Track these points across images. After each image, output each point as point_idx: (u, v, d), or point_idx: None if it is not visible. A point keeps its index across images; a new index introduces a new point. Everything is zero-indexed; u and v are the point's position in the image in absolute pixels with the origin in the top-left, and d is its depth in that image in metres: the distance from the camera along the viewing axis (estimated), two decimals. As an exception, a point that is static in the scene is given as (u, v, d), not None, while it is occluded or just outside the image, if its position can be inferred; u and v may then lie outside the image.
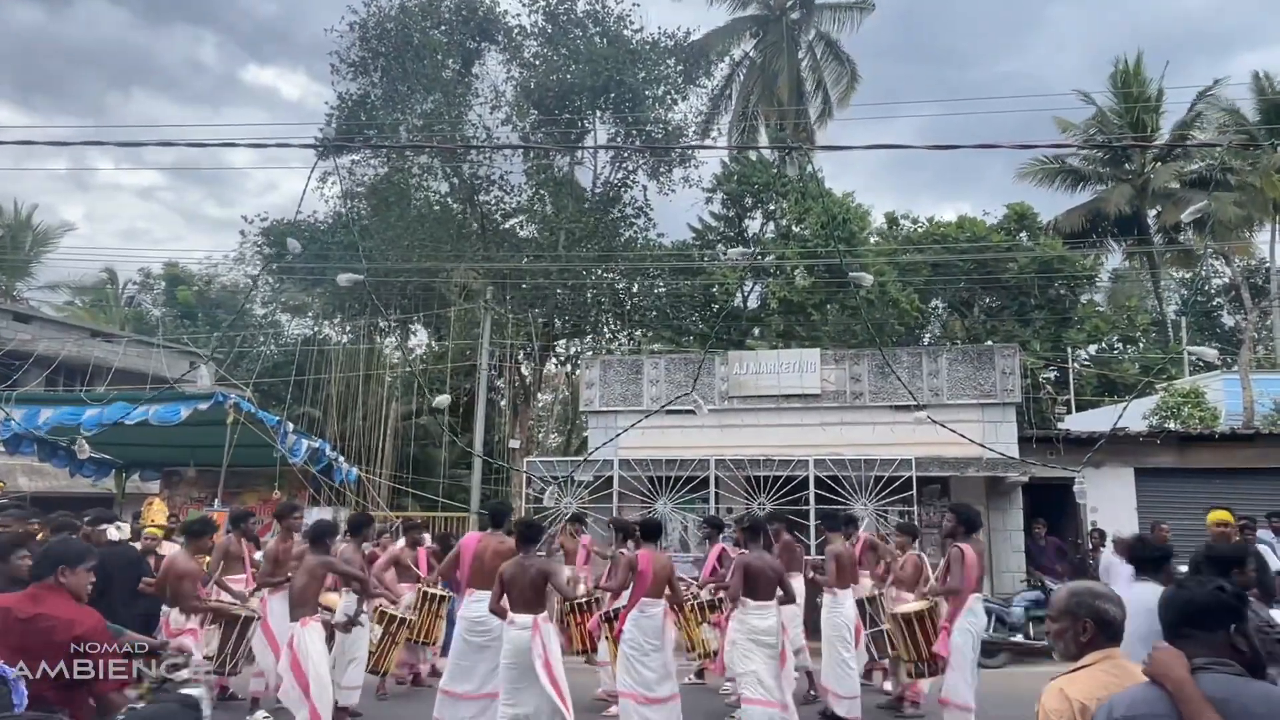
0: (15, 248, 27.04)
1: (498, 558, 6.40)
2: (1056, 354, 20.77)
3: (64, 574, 3.50)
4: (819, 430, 13.29)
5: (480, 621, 6.39)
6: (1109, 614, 2.60)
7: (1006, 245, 21.17)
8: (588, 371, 14.75)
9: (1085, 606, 2.62)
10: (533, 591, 5.88)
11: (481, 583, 6.51)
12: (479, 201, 22.59)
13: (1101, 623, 2.59)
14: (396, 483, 19.32)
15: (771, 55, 26.98)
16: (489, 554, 6.54)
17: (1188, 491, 12.55)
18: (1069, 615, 2.65)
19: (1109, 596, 2.65)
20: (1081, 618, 2.61)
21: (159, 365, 19.25)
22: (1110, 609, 2.61)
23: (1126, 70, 24.48)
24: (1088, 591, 2.68)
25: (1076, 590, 2.72)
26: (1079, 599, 2.66)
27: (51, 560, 3.55)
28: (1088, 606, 2.61)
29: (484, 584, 6.44)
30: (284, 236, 17.67)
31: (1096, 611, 2.60)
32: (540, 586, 5.92)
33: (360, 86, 21.97)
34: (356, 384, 20.03)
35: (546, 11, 21.93)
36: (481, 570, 6.55)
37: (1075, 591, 2.72)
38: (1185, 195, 24.24)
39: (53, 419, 11.30)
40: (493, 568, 6.35)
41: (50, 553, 3.65)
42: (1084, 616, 2.60)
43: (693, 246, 23.79)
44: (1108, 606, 2.61)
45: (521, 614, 5.86)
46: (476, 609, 6.44)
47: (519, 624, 5.84)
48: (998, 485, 12.62)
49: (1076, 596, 2.68)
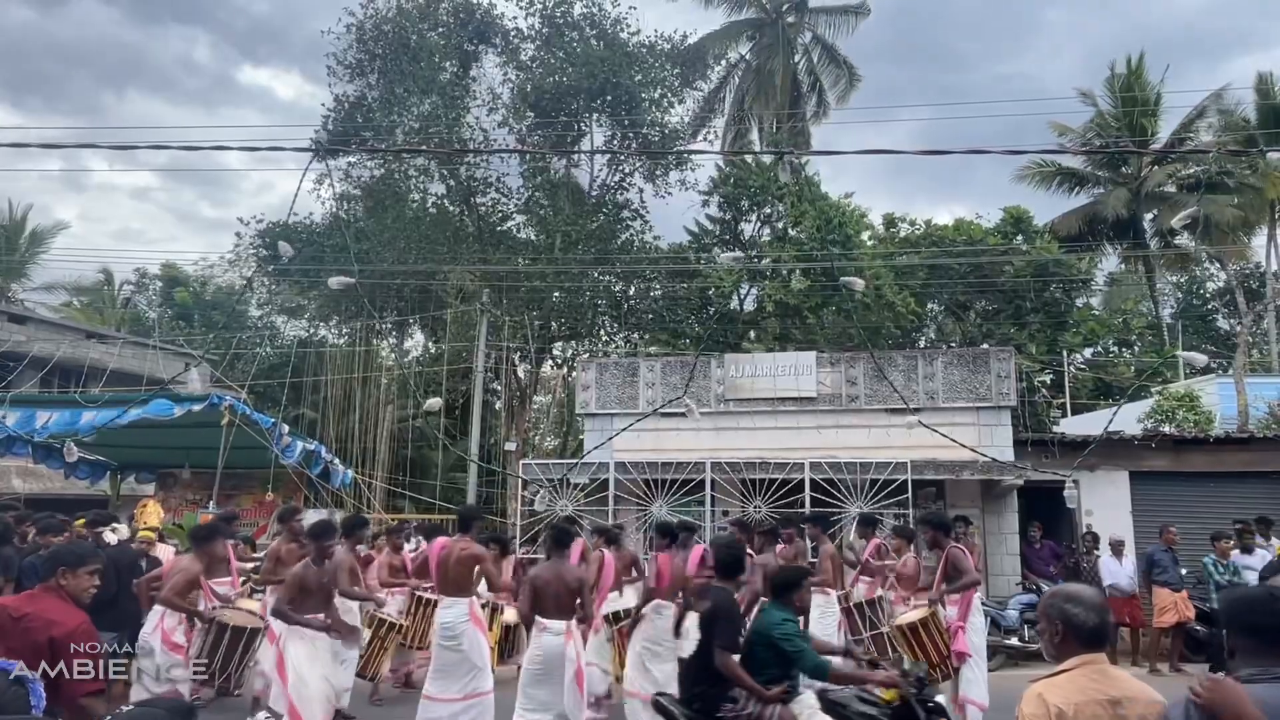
0: (10, 249, 26.99)
1: (461, 564, 6.36)
2: (1052, 357, 20.81)
3: (64, 576, 3.55)
4: (815, 433, 13.30)
5: (448, 627, 6.26)
6: (1078, 618, 2.60)
7: (1002, 249, 21.20)
8: (584, 374, 14.76)
9: (1056, 609, 2.65)
10: (568, 597, 5.87)
11: (447, 589, 6.41)
12: (475, 203, 22.60)
13: (1070, 626, 2.60)
14: (393, 485, 19.30)
15: (767, 58, 27.02)
16: (453, 559, 6.41)
17: (1182, 495, 12.58)
18: (1044, 616, 2.70)
19: (1081, 600, 2.66)
20: (1053, 619, 2.64)
21: (154, 366, 19.24)
22: (1079, 613, 2.61)
23: (1126, 72, 24.49)
24: (1062, 595, 2.73)
25: (1054, 593, 2.78)
26: (1050, 601, 2.72)
27: (53, 562, 3.63)
28: (1058, 609, 2.65)
29: (449, 590, 6.37)
30: (280, 239, 17.70)
31: (1065, 614, 2.62)
32: (575, 592, 5.92)
33: (357, 88, 21.99)
34: (353, 386, 20.01)
35: (543, 14, 21.96)
36: (446, 576, 6.43)
37: (1053, 594, 2.78)
38: (1182, 198, 24.33)
39: (52, 425, 11.26)
40: (458, 574, 6.34)
41: (54, 555, 3.73)
42: (1055, 618, 2.64)
43: (689, 249, 23.81)
44: (1077, 610, 2.61)
45: (555, 620, 5.84)
46: (443, 615, 6.34)
47: (552, 629, 5.82)
48: (993, 488, 12.63)
49: (1051, 599, 2.74)
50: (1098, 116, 25.01)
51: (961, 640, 6.75)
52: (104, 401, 11.57)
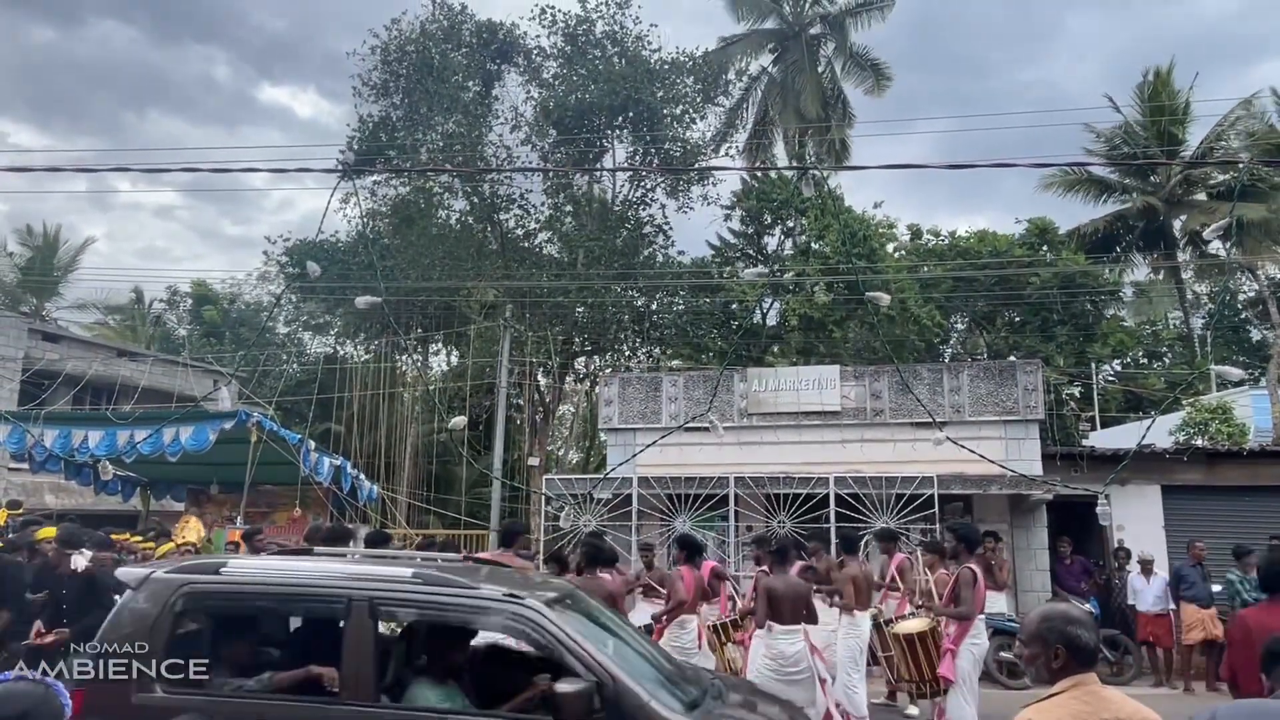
0: (44, 269, 27.56)
1: None
2: (1080, 369, 20.54)
3: None
4: (839, 447, 13.21)
5: None
6: (1080, 639, 2.49)
7: (1028, 260, 21.00)
8: (606, 389, 14.77)
9: (1056, 632, 2.51)
10: (804, 605, 6.52)
11: None
12: (499, 220, 22.78)
13: (1074, 648, 2.48)
14: (417, 500, 19.39)
15: (793, 74, 26.99)
16: None
17: (1216, 509, 12.35)
18: (1039, 641, 2.54)
19: (1082, 621, 2.54)
20: (1053, 644, 2.51)
21: (184, 384, 19.51)
22: (1083, 634, 2.50)
23: (1156, 79, 24.21)
24: (1060, 616, 2.57)
25: (1048, 614, 2.61)
26: (1050, 624, 2.54)
27: None
28: (1058, 632, 2.51)
29: None
30: (306, 257, 17.93)
31: (1068, 637, 2.49)
32: (807, 599, 6.59)
33: (382, 108, 22.27)
34: (378, 402, 20.18)
35: (566, 33, 22.15)
36: None
37: (1047, 616, 2.60)
38: (1212, 206, 23.98)
39: (96, 448, 11.42)
40: None
41: None
42: (1055, 643, 2.50)
43: (712, 263, 23.82)
44: (1080, 631, 2.50)
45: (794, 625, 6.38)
46: None
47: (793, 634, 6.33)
48: (1021, 503, 12.47)
49: (1048, 621, 2.56)
50: (1125, 124, 24.77)
51: (949, 665, 6.56)
52: (135, 419, 11.75)
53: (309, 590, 4.22)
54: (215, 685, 4.11)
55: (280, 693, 4.07)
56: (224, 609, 4.41)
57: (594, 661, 3.76)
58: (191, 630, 4.38)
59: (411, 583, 4.04)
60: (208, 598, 4.24)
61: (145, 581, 4.18)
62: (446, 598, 4.00)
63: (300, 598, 4.30)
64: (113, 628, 4.10)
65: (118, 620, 4.12)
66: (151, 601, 4.10)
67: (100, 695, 3.90)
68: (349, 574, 4.25)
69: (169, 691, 3.94)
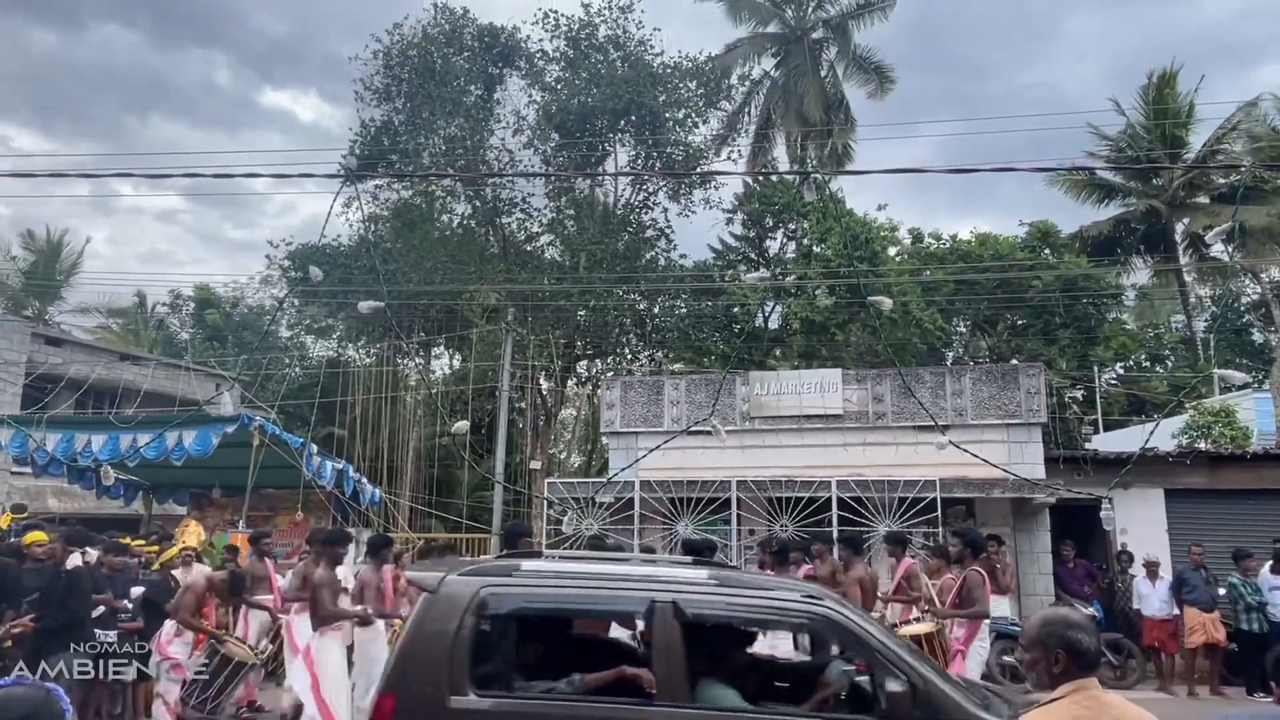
0: (47, 274, 27.62)
1: None
2: (1083, 372, 20.51)
3: None
4: (841, 451, 13.20)
5: None
6: (1082, 644, 2.46)
7: (1030, 263, 20.98)
8: (608, 392, 14.77)
9: (1057, 637, 2.48)
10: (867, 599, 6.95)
11: None
12: (501, 223, 22.79)
13: (1075, 653, 2.45)
14: (420, 504, 19.38)
15: (795, 76, 26.98)
16: None
17: (1219, 513, 12.33)
18: (1040, 645, 2.51)
19: (1083, 625, 2.52)
20: (1053, 649, 2.48)
21: (187, 388, 19.54)
22: (1084, 639, 2.47)
23: (1161, 81, 24.17)
24: (1060, 620, 2.54)
25: (1049, 619, 2.58)
26: (1051, 629, 2.52)
27: None
28: (1059, 636, 2.48)
29: None
30: (308, 262, 17.94)
31: (1069, 642, 2.46)
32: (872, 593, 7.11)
33: (384, 113, 22.30)
34: (380, 405, 20.18)
35: (568, 37, 22.17)
36: None
37: (1047, 620, 2.58)
38: (1215, 209, 23.94)
39: (100, 453, 11.43)
40: None
41: None
42: (1055, 647, 2.47)
43: (714, 267, 23.81)
44: (1081, 636, 2.47)
45: None
46: None
47: None
48: (1024, 506, 12.45)
49: (1049, 626, 2.53)
50: (1129, 127, 24.75)
51: (960, 664, 6.61)
52: (138, 422, 11.77)
53: (611, 592, 4.16)
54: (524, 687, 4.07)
55: (592, 694, 4.01)
56: (522, 611, 4.29)
57: (905, 661, 3.77)
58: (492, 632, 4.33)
59: (710, 584, 4.03)
60: (506, 600, 4.15)
61: (442, 584, 4.10)
62: (747, 599, 4.04)
63: (601, 600, 4.23)
64: (415, 631, 4.03)
65: (420, 625, 4.04)
66: (452, 604, 4.02)
67: (412, 700, 3.84)
68: (647, 575, 4.19)
69: (482, 694, 3.89)
